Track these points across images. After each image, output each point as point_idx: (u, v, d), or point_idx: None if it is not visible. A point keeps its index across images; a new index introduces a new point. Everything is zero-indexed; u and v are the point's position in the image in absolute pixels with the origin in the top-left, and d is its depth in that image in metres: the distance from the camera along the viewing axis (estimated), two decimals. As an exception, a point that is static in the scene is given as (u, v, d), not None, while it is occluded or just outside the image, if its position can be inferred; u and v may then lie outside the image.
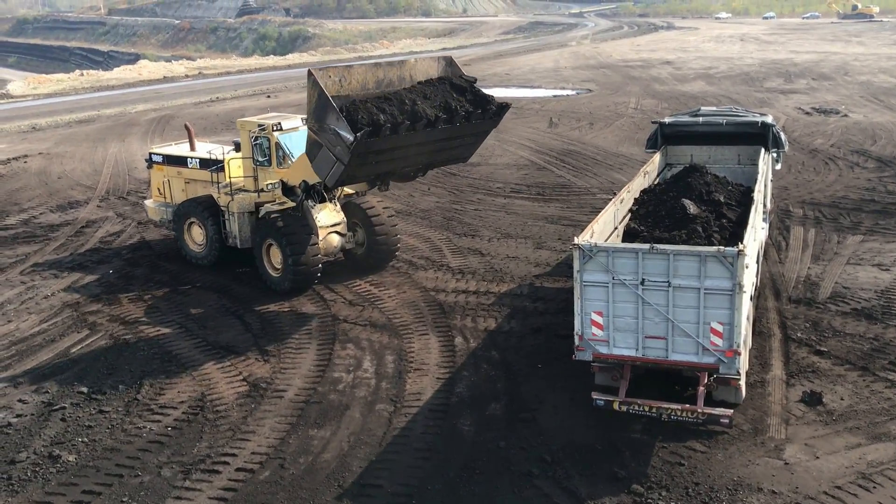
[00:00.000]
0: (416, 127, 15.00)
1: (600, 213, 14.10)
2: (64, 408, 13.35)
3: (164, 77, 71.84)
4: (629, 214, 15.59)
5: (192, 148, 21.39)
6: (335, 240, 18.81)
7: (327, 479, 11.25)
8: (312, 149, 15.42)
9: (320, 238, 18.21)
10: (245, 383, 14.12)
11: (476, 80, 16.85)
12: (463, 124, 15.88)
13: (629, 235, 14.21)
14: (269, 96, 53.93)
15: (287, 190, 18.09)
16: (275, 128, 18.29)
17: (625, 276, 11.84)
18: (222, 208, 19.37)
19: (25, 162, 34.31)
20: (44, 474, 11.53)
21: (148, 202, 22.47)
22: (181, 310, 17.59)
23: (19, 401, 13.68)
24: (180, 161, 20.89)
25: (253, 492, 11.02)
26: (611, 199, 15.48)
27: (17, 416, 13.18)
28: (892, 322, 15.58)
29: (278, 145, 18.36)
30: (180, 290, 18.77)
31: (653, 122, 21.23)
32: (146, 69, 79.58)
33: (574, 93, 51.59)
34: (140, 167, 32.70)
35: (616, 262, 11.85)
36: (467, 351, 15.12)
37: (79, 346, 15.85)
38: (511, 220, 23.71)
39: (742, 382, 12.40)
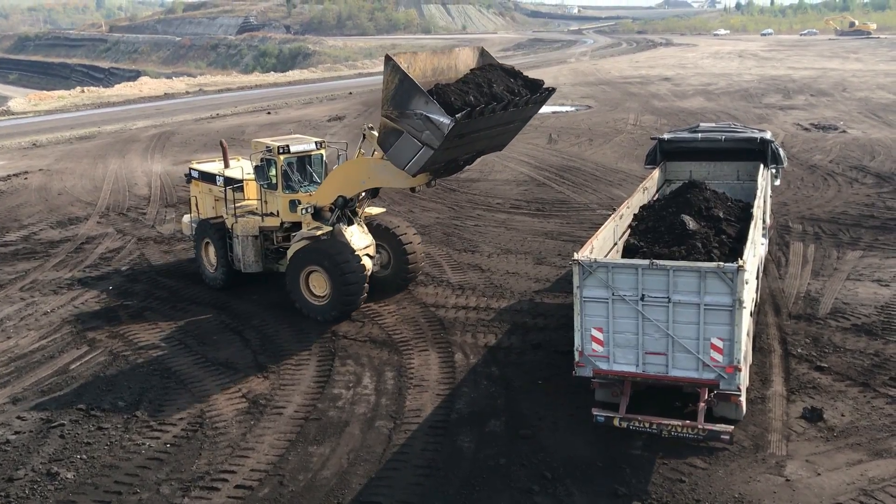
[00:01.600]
0: (496, 109, 15.01)
1: (600, 229, 14.11)
2: (63, 425, 13.30)
3: (165, 93, 72.06)
4: (629, 230, 15.61)
5: (226, 165, 20.80)
6: (368, 263, 18.07)
7: (327, 496, 11.19)
8: (388, 137, 15.08)
9: None
10: (244, 400, 14.09)
11: (513, 67, 16.95)
12: (524, 107, 15.98)
13: (629, 251, 14.23)
14: (269, 113, 54.10)
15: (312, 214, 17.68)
16: (280, 150, 17.78)
17: (625, 291, 11.84)
18: (228, 230, 18.96)
19: (26, 178, 34.38)
20: (42, 492, 11.47)
21: (185, 217, 22.12)
22: (180, 326, 17.56)
23: (18, 418, 13.63)
24: (211, 178, 20.47)
25: (252, 509, 10.97)
26: (610, 215, 15.51)
27: (16, 432, 13.13)
28: (893, 338, 15.57)
29: (284, 169, 17.89)
30: (180, 307, 18.75)
31: (652, 139, 21.27)
32: (147, 86, 79.77)
33: (573, 109, 51.78)
34: (140, 183, 32.79)
35: (616, 277, 11.85)
36: (467, 367, 15.09)
37: (78, 363, 15.82)
38: (511, 235, 23.73)
39: (742, 398, 12.38)
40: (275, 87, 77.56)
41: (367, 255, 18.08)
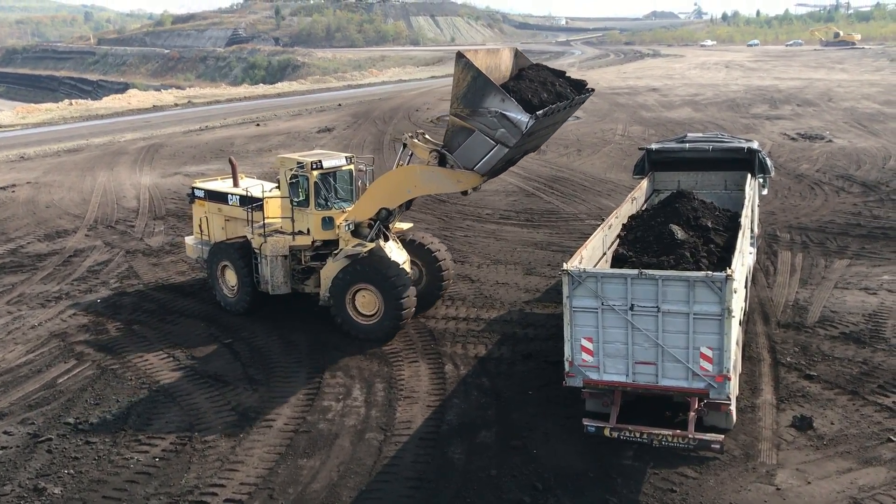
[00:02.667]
0: (565, 107, 15.02)
1: (589, 239, 14.15)
2: (50, 439, 13.19)
3: (154, 106, 71.86)
4: (617, 240, 15.65)
5: (236, 183, 19.96)
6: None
7: (317, 509, 11.13)
8: (457, 136, 14.89)
9: None
10: (233, 413, 14.00)
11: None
12: (574, 106, 16.04)
13: (618, 261, 14.25)
14: (258, 124, 54.06)
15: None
16: (314, 166, 17.03)
17: (614, 301, 11.86)
18: (255, 250, 18.01)
19: (13, 191, 34.19)
20: (29, 507, 11.36)
21: (188, 239, 20.95)
22: (169, 339, 17.46)
23: (4, 433, 13.50)
24: (221, 197, 19.47)
25: (241, 523, 10.88)
26: (599, 225, 15.55)
27: (2, 448, 13.00)
28: (881, 346, 15.65)
29: (317, 185, 17.20)
30: (168, 320, 18.65)
31: (640, 149, 21.37)
32: (135, 98, 79.57)
33: (562, 120, 51.88)
34: (128, 196, 32.67)
35: (605, 287, 11.87)
36: (458, 378, 15.06)
37: (66, 377, 15.70)
38: (500, 246, 23.76)
39: (732, 407, 12.40)
40: (264, 98, 77.54)
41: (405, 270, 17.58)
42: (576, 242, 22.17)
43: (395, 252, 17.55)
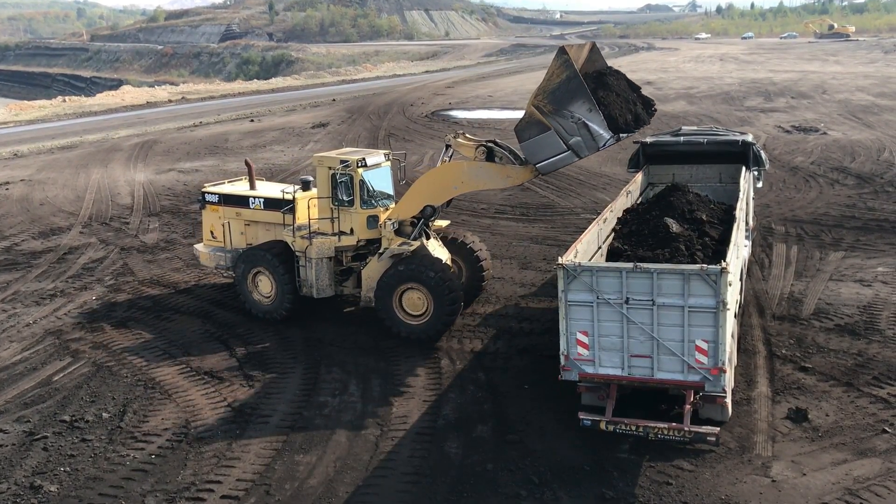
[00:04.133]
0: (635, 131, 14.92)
1: (584, 233, 14.14)
2: (46, 437, 13.17)
3: (147, 102, 71.62)
4: (613, 234, 15.66)
5: (252, 186, 19.26)
6: None
7: (314, 505, 11.13)
8: (530, 128, 14.53)
9: None
10: (230, 409, 14.00)
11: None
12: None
13: (613, 255, 14.28)
14: (252, 120, 53.94)
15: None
16: (359, 164, 16.68)
17: (609, 295, 11.86)
18: (297, 253, 17.38)
19: (7, 189, 34.07)
20: (25, 505, 11.35)
21: (199, 246, 19.85)
22: (165, 336, 17.44)
23: (0, 430, 13.49)
24: (240, 201, 18.73)
25: (238, 519, 10.89)
26: (594, 219, 15.55)
27: (-2, 446, 13.00)
28: (875, 337, 15.69)
29: (363, 183, 16.86)
30: (164, 316, 18.62)
31: (635, 142, 21.34)
32: (129, 95, 79.29)
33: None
34: (122, 193, 32.57)
35: (600, 281, 11.87)
36: (454, 373, 15.07)
37: (61, 374, 15.67)
38: (496, 240, 23.75)
39: (728, 400, 12.43)
40: (258, 94, 77.36)
41: None
42: (571, 237, 22.17)
43: (438, 250, 17.37)
